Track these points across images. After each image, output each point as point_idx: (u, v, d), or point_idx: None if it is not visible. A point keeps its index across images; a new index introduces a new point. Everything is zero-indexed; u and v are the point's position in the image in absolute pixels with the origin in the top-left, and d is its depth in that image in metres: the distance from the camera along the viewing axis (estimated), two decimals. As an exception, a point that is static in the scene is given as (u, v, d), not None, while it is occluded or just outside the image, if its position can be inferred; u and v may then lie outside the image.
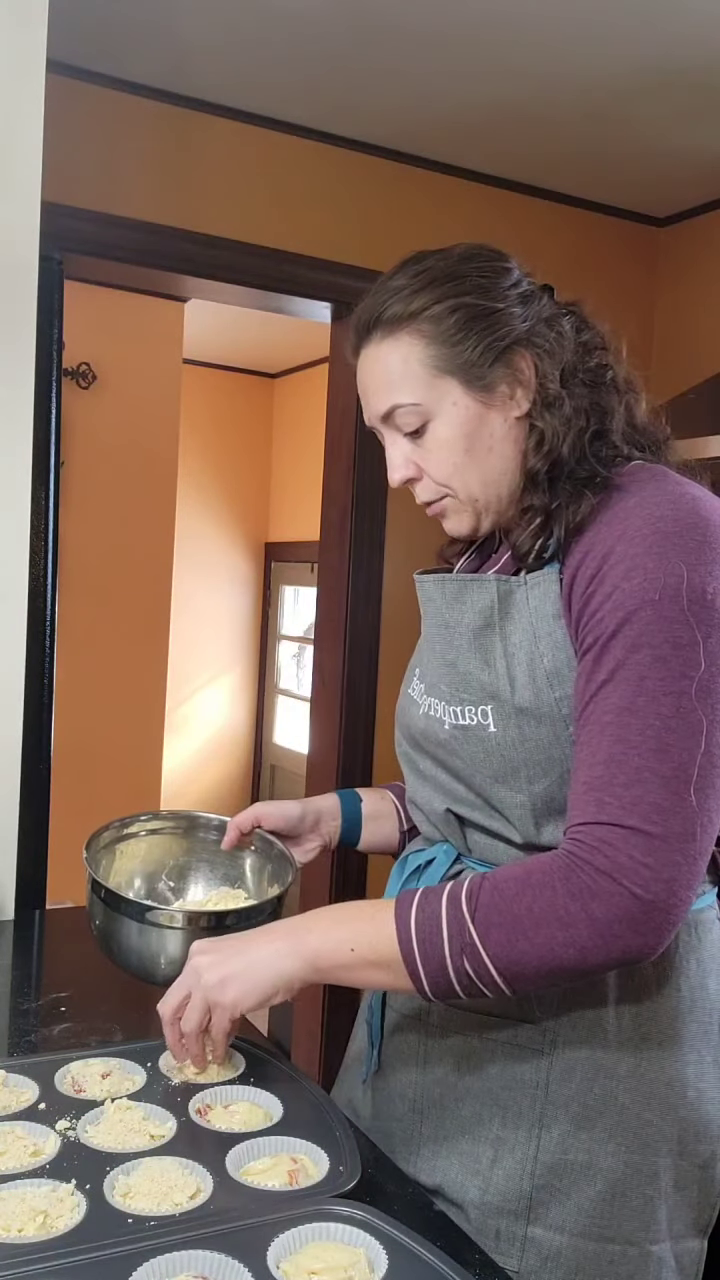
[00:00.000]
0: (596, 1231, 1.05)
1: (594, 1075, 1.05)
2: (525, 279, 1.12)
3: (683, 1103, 1.07)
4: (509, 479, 1.10)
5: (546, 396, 1.07)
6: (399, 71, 2.40)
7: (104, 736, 3.94)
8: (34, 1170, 0.96)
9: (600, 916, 0.92)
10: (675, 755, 0.94)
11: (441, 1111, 1.12)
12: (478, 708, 1.08)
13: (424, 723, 1.16)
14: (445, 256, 1.10)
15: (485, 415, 1.08)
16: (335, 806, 1.35)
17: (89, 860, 1.25)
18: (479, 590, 1.10)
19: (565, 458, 1.06)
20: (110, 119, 2.52)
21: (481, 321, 1.07)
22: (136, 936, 1.17)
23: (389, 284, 1.11)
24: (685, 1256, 1.10)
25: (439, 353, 1.07)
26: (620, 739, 0.95)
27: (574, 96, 2.48)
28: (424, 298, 1.07)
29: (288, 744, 5.54)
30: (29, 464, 1.78)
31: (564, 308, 1.13)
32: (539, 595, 1.06)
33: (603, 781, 0.95)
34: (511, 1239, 1.06)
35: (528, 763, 1.05)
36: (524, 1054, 1.07)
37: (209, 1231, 0.87)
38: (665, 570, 0.97)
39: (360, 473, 2.91)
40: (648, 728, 0.94)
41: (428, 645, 1.19)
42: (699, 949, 1.09)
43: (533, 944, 0.93)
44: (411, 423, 1.10)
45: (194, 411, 5.07)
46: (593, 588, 1.01)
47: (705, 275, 3.11)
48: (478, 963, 0.94)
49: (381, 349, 1.10)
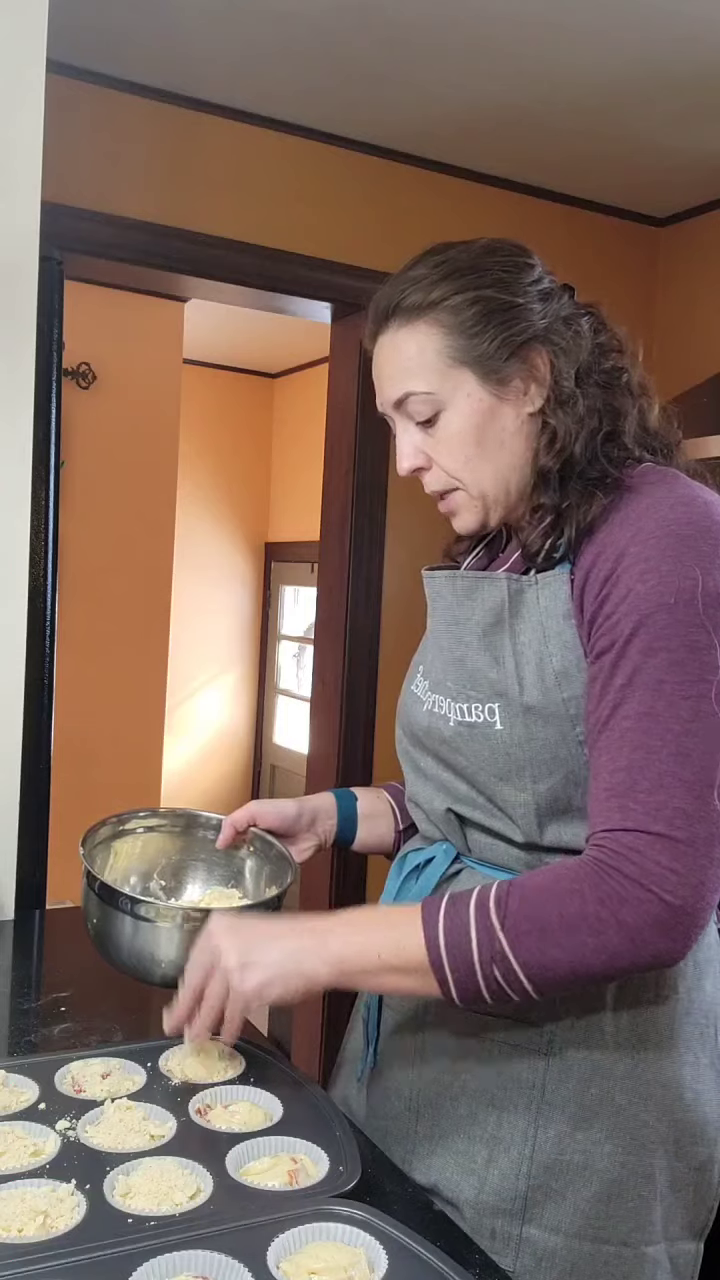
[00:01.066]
0: (592, 1232, 1.05)
1: (591, 1076, 1.05)
2: (547, 276, 1.12)
3: (679, 1104, 1.07)
4: (519, 475, 1.10)
5: (561, 394, 1.07)
6: (399, 72, 2.40)
7: (104, 736, 3.94)
8: (34, 1170, 0.96)
9: (630, 922, 0.92)
10: (697, 760, 0.94)
11: (437, 1110, 1.12)
12: (485, 705, 1.08)
13: (427, 720, 1.16)
14: (468, 249, 1.11)
15: (498, 409, 1.08)
16: (331, 805, 1.34)
17: (85, 855, 1.24)
18: (490, 588, 1.10)
19: (577, 457, 1.06)
20: (110, 119, 2.52)
21: (500, 315, 1.07)
22: (130, 933, 1.16)
23: (410, 273, 1.11)
24: (681, 1259, 1.10)
25: (456, 343, 1.07)
26: (641, 745, 0.95)
27: (574, 97, 2.48)
28: (444, 288, 1.07)
29: (288, 744, 5.54)
30: (29, 464, 1.78)
31: (583, 309, 1.13)
32: (549, 595, 1.06)
33: (625, 787, 0.95)
34: (506, 1239, 1.06)
35: (533, 762, 1.05)
36: (521, 1054, 1.07)
37: (209, 1231, 0.87)
38: (680, 573, 0.97)
39: (360, 473, 2.91)
40: (668, 732, 0.95)
41: (434, 642, 1.19)
42: (695, 952, 1.09)
43: (564, 950, 0.93)
44: (423, 411, 1.10)
45: (194, 411, 5.07)
46: (606, 590, 1.01)
47: (705, 275, 3.11)
48: (507, 969, 0.95)
49: (399, 336, 1.10)
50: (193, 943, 1.08)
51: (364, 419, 2.89)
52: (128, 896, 1.16)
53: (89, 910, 1.21)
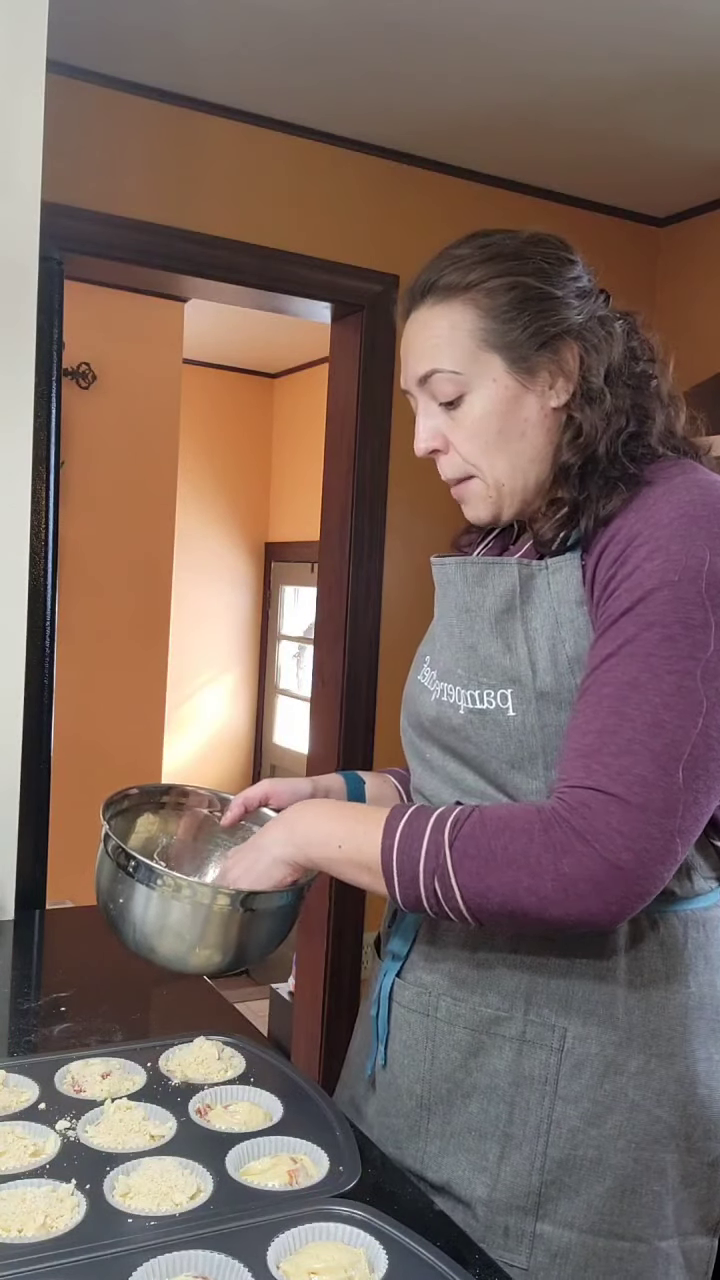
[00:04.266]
0: (605, 1228, 1.05)
1: (604, 1072, 1.06)
2: (586, 275, 1.12)
3: (692, 1100, 1.07)
4: (537, 468, 1.10)
5: (589, 390, 1.07)
6: (399, 73, 2.40)
7: (104, 736, 3.93)
8: (34, 1170, 0.96)
9: (567, 873, 0.94)
10: (669, 732, 0.95)
11: (449, 1108, 1.12)
12: (497, 691, 1.08)
13: (435, 709, 1.15)
14: (514, 236, 1.11)
15: (522, 398, 1.08)
16: (341, 787, 1.34)
17: (107, 820, 1.20)
18: (501, 573, 1.10)
19: (600, 455, 1.06)
20: (110, 119, 2.52)
21: (536, 304, 1.07)
22: (160, 911, 1.11)
23: (451, 252, 1.10)
24: (694, 1254, 1.10)
25: (489, 326, 1.07)
26: (616, 711, 0.97)
27: (574, 97, 2.48)
28: (484, 270, 1.07)
29: (288, 744, 5.54)
30: (29, 464, 1.78)
31: (619, 314, 1.13)
32: (561, 580, 1.06)
33: (593, 749, 0.97)
34: (520, 1236, 1.06)
35: (545, 748, 1.05)
36: (533, 1050, 1.07)
37: (209, 1231, 0.88)
38: (688, 553, 0.98)
39: (360, 473, 2.91)
40: (645, 702, 0.96)
41: (444, 629, 1.18)
42: (707, 946, 1.09)
43: (499, 881, 0.97)
44: (448, 392, 1.09)
45: (194, 411, 5.07)
46: (614, 570, 1.01)
47: (705, 275, 3.11)
48: (446, 887, 0.99)
49: (433, 314, 1.09)
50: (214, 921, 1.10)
51: (364, 419, 2.89)
52: (162, 871, 1.11)
53: (101, 876, 1.17)
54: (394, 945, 1.19)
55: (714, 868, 1.10)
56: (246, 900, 1.11)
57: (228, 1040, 1.22)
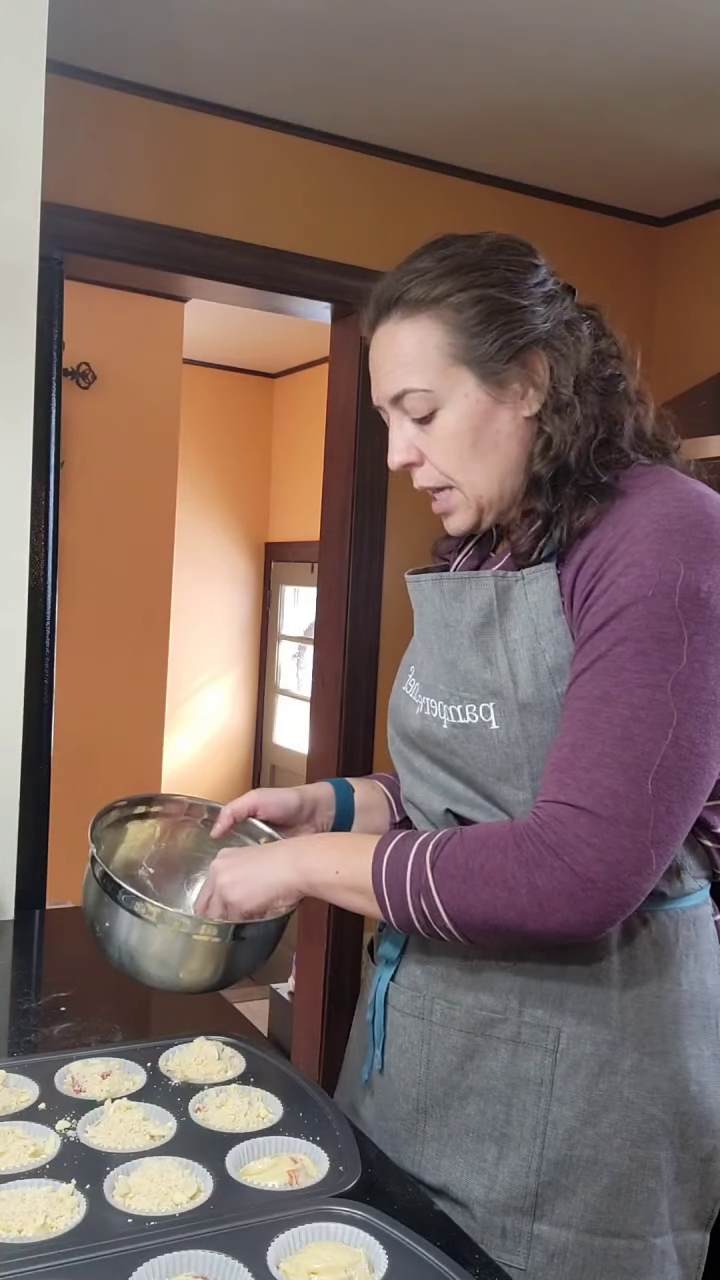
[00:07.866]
0: (603, 1226, 1.06)
1: (598, 1071, 1.06)
2: (551, 278, 1.11)
3: (685, 1097, 1.08)
4: (512, 478, 1.10)
5: (558, 401, 1.07)
6: (399, 72, 2.40)
7: (104, 736, 3.93)
8: (34, 1170, 0.96)
9: (541, 887, 0.96)
10: (639, 744, 0.96)
11: (445, 1110, 1.12)
12: (479, 706, 1.08)
13: (420, 722, 1.16)
14: (474, 244, 1.10)
15: (495, 411, 1.08)
16: (330, 796, 1.34)
17: (94, 839, 1.21)
18: (477, 588, 1.10)
19: (571, 464, 1.06)
20: (110, 119, 2.52)
21: (503, 316, 1.06)
22: (132, 933, 1.13)
23: (414, 264, 1.10)
24: (687, 1249, 1.11)
25: (457, 341, 1.07)
26: (587, 725, 0.98)
27: (574, 97, 2.48)
28: (449, 283, 1.07)
29: (288, 744, 5.54)
30: (29, 464, 1.79)
31: (584, 312, 1.13)
32: (538, 591, 1.06)
33: (566, 763, 0.98)
34: (518, 1236, 1.07)
35: (531, 759, 1.05)
36: (528, 1051, 1.07)
37: (209, 1231, 0.88)
38: (662, 567, 0.98)
39: (360, 473, 2.91)
40: (616, 716, 0.97)
41: (424, 645, 1.19)
42: (697, 945, 1.10)
43: (479, 899, 0.99)
44: (420, 409, 1.09)
45: (194, 411, 5.07)
46: (592, 585, 1.02)
47: (705, 275, 3.11)
48: (431, 906, 1.02)
49: (400, 329, 1.09)
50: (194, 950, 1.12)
51: (364, 419, 2.89)
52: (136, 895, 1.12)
53: (87, 895, 1.18)
54: (385, 950, 1.19)
55: (704, 867, 1.11)
56: (237, 931, 1.13)
57: (228, 1040, 1.22)
